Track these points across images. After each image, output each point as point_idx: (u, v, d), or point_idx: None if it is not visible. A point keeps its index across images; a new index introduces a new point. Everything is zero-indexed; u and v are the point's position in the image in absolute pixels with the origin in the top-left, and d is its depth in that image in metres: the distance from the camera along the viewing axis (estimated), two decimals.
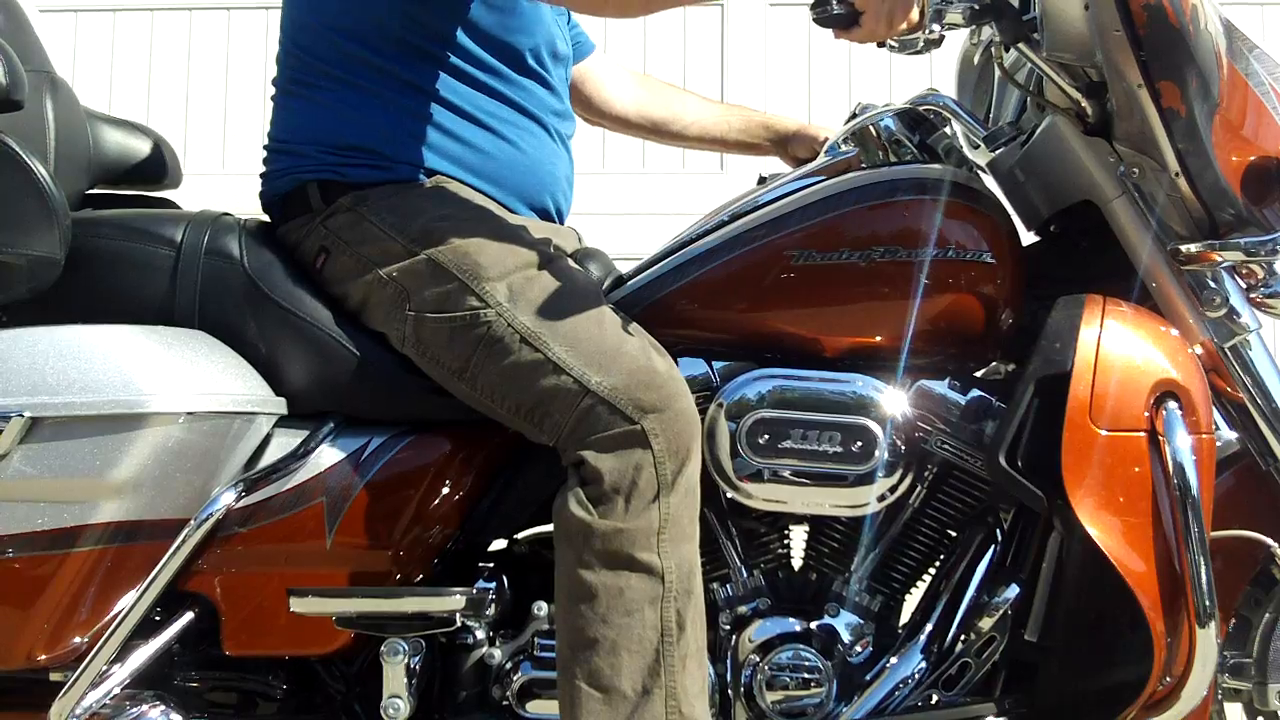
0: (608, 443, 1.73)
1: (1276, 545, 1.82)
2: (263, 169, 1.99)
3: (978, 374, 1.97)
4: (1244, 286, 1.81)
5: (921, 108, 2.09)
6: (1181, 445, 1.68)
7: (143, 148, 2.16)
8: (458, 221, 1.84)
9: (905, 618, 1.94)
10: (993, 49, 1.97)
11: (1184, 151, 1.75)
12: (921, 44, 1.86)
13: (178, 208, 2.13)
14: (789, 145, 2.35)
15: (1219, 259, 1.77)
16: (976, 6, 1.83)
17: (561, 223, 2.06)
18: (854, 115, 2.16)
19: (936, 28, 1.83)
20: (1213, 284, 1.80)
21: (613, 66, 2.41)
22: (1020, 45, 1.83)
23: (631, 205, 4.83)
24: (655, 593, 1.71)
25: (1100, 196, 1.87)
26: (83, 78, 4.78)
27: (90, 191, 2.10)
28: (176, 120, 4.82)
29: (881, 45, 1.86)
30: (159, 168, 2.18)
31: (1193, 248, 1.79)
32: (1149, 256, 1.83)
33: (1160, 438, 1.70)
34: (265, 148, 2.00)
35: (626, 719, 1.67)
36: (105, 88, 4.84)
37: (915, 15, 1.79)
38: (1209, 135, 1.75)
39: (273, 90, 2.02)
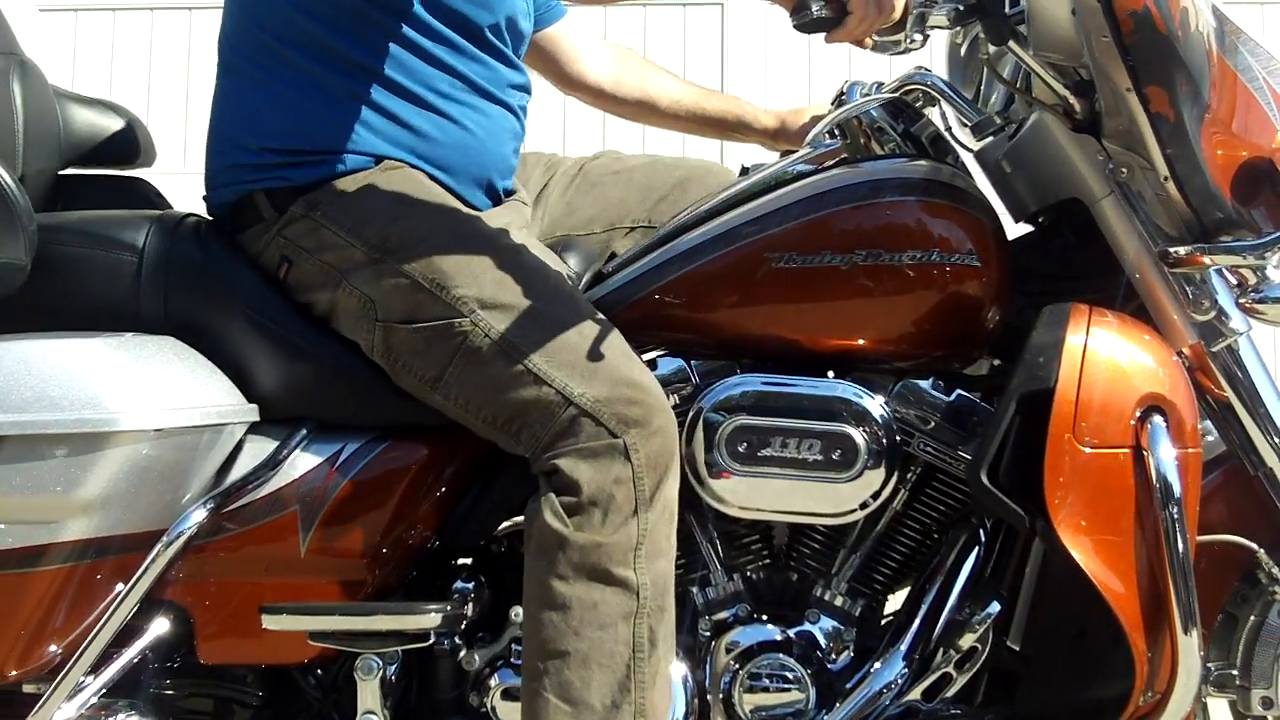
0: (587, 454, 1.70)
1: (1261, 550, 1.79)
2: (206, 162, 1.94)
3: (965, 370, 1.95)
4: (1234, 289, 1.76)
5: (910, 86, 2.04)
6: (1166, 460, 1.64)
7: (114, 126, 2.13)
8: (415, 222, 1.80)
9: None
10: (979, 44, 1.93)
11: (1172, 156, 1.71)
12: (905, 44, 1.83)
13: (151, 187, 2.12)
14: (775, 138, 2.31)
15: (1208, 262, 1.73)
16: (961, 8, 1.80)
17: (506, 196, 2.01)
18: (841, 94, 2.12)
19: (918, 37, 1.80)
20: (1202, 286, 1.76)
21: (589, 38, 2.35)
22: (1008, 42, 1.80)
23: None
24: (630, 608, 1.69)
25: (1088, 195, 1.83)
26: (83, 77, 4.78)
27: (63, 172, 2.07)
28: (176, 119, 4.81)
29: (862, 45, 1.83)
30: (131, 147, 2.15)
31: (1182, 250, 1.75)
32: (1137, 257, 1.79)
33: (1145, 453, 1.66)
34: (209, 133, 1.94)
35: None
36: (105, 87, 4.83)
37: (897, 13, 1.76)
38: (1198, 139, 1.71)
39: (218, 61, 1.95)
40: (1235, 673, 1.81)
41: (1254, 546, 1.79)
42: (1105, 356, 1.69)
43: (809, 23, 1.78)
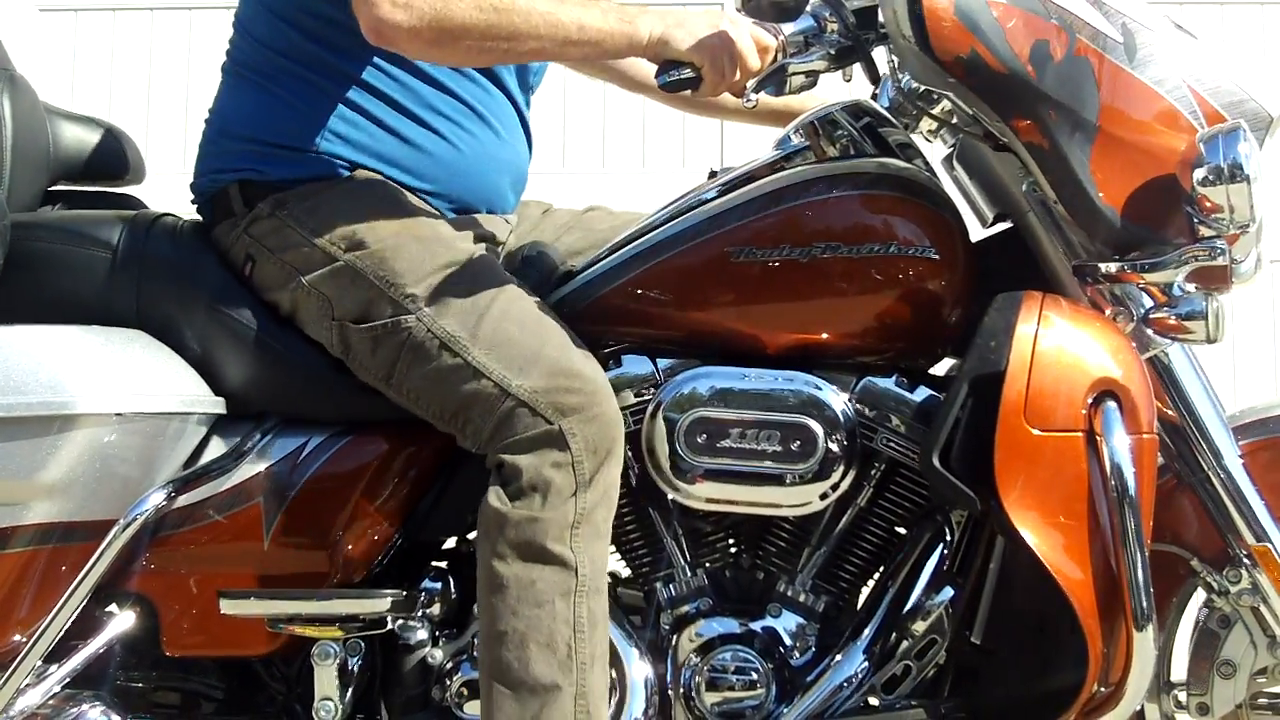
0: (526, 444, 1.72)
1: (1194, 559, 1.79)
2: (198, 147, 1.97)
3: (932, 370, 1.94)
4: (1153, 304, 1.74)
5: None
6: (1119, 446, 1.63)
7: (104, 143, 2.15)
8: (375, 224, 1.81)
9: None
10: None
11: (1054, 181, 1.71)
12: (790, 87, 1.84)
13: (140, 203, 2.12)
14: None
15: (1124, 280, 1.72)
16: (834, 51, 1.81)
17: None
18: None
19: (754, 97, 1.80)
20: (1122, 301, 1.75)
21: None
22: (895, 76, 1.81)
23: (630, 204, 4.81)
24: (567, 586, 1.69)
25: (1017, 210, 1.84)
26: (82, 77, 4.80)
27: (53, 188, 2.09)
28: (176, 120, 4.81)
29: (737, 96, 1.83)
30: (120, 163, 2.17)
31: (1102, 268, 1.73)
32: (1059, 272, 1.79)
33: (1098, 438, 1.65)
34: (205, 121, 1.98)
35: (535, 714, 1.65)
36: (105, 87, 4.85)
37: (754, 64, 1.77)
38: (1084, 161, 1.69)
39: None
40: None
41: (1187, 555, 1.79)
42: (1057, 341, 1.68)
43: (671, 83, 1.80)
